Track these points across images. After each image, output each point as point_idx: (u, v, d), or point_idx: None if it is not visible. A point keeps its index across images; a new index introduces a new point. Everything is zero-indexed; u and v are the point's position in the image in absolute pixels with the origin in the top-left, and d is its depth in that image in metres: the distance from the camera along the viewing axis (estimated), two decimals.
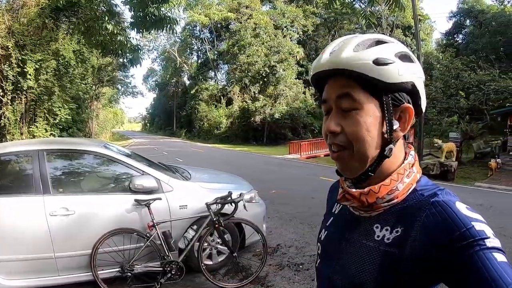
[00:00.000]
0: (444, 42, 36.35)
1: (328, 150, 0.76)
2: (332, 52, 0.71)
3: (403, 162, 0.74)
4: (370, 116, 0.69)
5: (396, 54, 0.69)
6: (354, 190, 0.74)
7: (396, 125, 0.71)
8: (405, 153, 0.76)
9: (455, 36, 36.12)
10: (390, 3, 4.85)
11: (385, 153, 0.71)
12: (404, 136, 0.75)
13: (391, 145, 0.71)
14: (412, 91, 0.71)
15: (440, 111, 16.01)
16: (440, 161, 12.09)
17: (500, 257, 0.58)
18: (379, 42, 0.71)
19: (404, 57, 0.70)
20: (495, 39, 27.98)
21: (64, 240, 3.20)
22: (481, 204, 7.58)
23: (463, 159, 15.47)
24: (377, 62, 0.67)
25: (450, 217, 0.63)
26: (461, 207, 0.64)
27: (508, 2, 29.89)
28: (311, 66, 0.76)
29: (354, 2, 5.23)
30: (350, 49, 0.69)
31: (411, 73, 0.70)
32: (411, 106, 0.72)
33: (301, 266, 4.18)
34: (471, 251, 0.58)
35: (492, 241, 0.60)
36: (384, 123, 0.70)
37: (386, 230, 0.71)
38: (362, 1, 5.28)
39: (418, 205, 0.68)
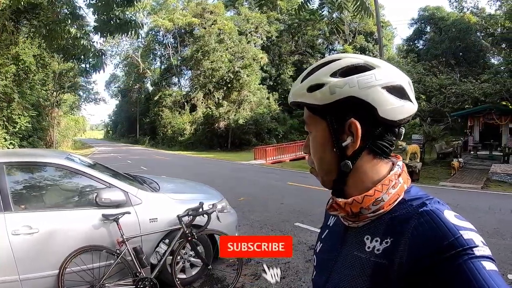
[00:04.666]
0: (405, 48, 37.81)
1: (293, 154, 0.80)
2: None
3: (388, 173, 0.74)
4: (321, 137, 0.75)
5: (333, 73, 0.71)
6: (340, 200, 0.75)
7: (349, 140, 0.72)
8: (392, 164, 0.76)
9: (415, 42, 37.73)
10: (360, 10, 4.94)
11: (341, 168, 0.73)
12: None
13: (346, 160, 0.73)
14: (355, 103, 0.69)
15: None
16: (405, 162, 12.45)
17: (489, 266, 0.58)
18: (321, 66, 0.74)
19: (344, 73, 0.70)
20: (455, 44, 29.47)
21: (29, 260, 2.99)
22: (448, 203, 7.80)
23: (426, 159, 16.08)
24: (310, 89, 0.73)
25: (438, 227, 0.62)
26: (450, 216, 0.65)
27: (468, 9, 31.41)
28: None
29: (322, 10, 5.28)
30: (298, 82, 0.77)
31: (348, 88, 0.69)
32: (354, 120, 0.70)
33: None
34: (459, 260, 0.58)
35: (481, 250, 0.60)
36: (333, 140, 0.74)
37: (376, 241, 0.71)
38: (329, 8, 5.30)
39: (406, 215, 0.68)
